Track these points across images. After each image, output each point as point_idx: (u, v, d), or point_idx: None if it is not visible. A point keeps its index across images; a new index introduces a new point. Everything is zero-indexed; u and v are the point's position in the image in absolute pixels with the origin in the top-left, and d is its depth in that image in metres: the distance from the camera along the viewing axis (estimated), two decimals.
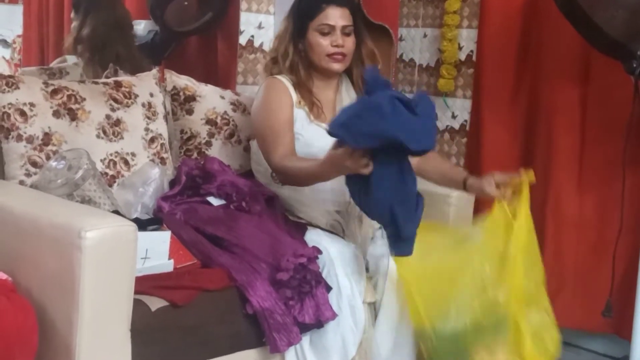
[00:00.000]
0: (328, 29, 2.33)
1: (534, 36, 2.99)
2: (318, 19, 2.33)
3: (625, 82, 2.51)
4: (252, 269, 2.07)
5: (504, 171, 3.03)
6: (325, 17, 2.32)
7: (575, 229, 2.89)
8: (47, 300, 1.81)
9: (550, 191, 2.92)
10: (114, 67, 2.93)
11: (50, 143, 2.31)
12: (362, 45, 2.43)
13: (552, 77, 2.91)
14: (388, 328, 2.17)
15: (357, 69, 2.45)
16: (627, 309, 2.65)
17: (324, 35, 2.33)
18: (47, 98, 2.35)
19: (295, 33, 2.39)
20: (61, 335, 1.77)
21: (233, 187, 2.41)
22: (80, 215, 1.83)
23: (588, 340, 3.02)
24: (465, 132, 3.25)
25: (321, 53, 2.35)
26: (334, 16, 2.32)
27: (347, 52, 2.36)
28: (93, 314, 1.74)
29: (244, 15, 3.09)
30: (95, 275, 1.73)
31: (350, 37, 2.36)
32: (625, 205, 2.58)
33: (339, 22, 2.32)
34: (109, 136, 2.44)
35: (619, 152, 2.61)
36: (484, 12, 3.12)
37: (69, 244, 1.73)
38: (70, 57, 3.06)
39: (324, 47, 2.33)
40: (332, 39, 2.33)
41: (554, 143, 2.91)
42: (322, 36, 2.33)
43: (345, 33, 2.34)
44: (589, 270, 2.87)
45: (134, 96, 2.56)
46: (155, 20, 3.29)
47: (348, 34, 2.35)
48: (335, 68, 2.38)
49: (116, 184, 2.41)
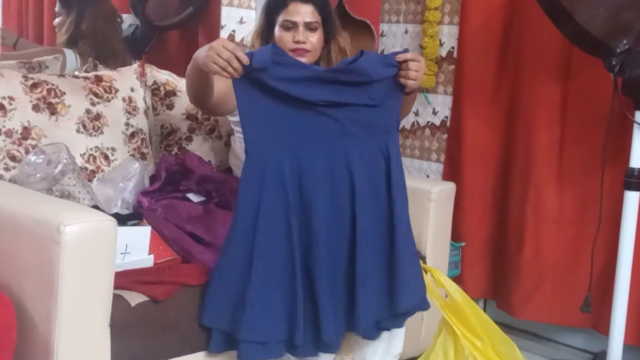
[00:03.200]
0: (291, 24, 2.34)
1: (515, 33, 3.01)
2: (282, 15, 2.35)
3: (605, 80, 2.53)
4: None
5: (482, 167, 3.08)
6: (288, 13, 2.34)
7: (554, 224, 2.91)
8: (25, 295, 1.80)
9: (530, 187, 2.94)
10: (94, 61, 2.91)
11: (30, 137, 2.30)
12: (332, 41, 2.45)
13: (533, 74, 2.92)
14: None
15: (325, 63, 2.46)
16: (605, 304, 2.67)
17: (287, 30, 2.35)
18: (27, 92, 2.33)
19: (265, 28, 2.41)
20: (40, 331, 1.76)
21: (213, 184, 2.41)
22: (59, 210, 1.82)
23: (566, 335, 3.05)
24: (446, 128, 3.26)
25: (284, 48, 2.35)
26: (297, 12, 2.34)
27: (311, 48, 2.36)
28: (72, 309, 1.73)
29: (225, 9, 3.08)
30: (75, 270, 1.72)
31: (316, 32, 2.37)
32: (604, 202, 2.59)
33: (302, 18, 2.34)
34: (89, 131, 2.43)
35: (599, 149, 2.62)
36: (465, 9, 3.12)
37: (48, 239, 1.72)
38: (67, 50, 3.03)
39: (286, 42, 2.35)
40: (294, 34, 2.34)
41: (534, 139, 2.92)
42: (286, 31, 2.35)
43: (310, 29, 2.35)
44: (568, 265, 2.89)
45: (115, 91, 2.54)
46: (136, 14, 3.26)
47: (313, 29, 2.36)
48: None
49: (96, 179, 2.40)
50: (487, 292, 3.17)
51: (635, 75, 2.39)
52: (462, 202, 3.04)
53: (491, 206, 3.14)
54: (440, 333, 2.13)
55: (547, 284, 2.92)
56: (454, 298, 2.09)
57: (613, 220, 2.61)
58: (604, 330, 2.66)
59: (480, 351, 2.08)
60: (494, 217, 3.14)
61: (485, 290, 3.17)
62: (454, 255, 3.04)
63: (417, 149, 3.38)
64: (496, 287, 3.13)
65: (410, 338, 2.34)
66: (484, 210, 3.14)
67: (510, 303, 3.01)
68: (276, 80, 1.92)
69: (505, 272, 3.06)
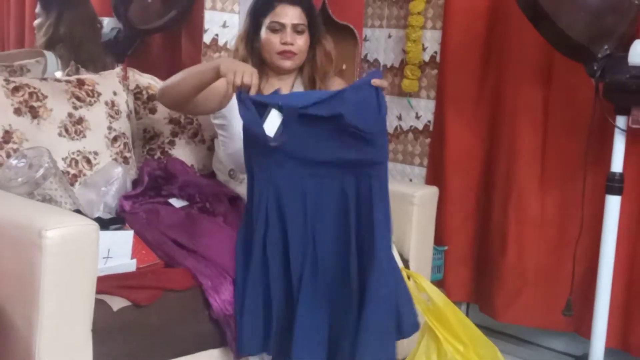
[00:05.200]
0: (278, 26, 2.35)
1: (497, 38, 3.02)
2: (270, 17, 2.35)
3: (587, 84, 2.55)
4: (217, 272, 2.06)
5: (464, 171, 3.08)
6: (275, 14, 2.35)
7: (536, 228, 2.92)
8: (6, 300, 1.78)
9: (513, 191, 2.95)
10: (76, 65, 2.90)
11: (11, 141, 2.28)
12: (317, 45, 2.45)
13: (515, 79, 2.94)
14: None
15: (309, 67, 2.46)
16: (587, 307, 2.68)
17: (274, 32, 2.36)
18: (8, 95, 2.32)
19: (250, 30, 2.41)
20: (21, 336, 1.74)
21: (195, 188, 2.40)
22: (40, 215, 1.81)
23: (548, 339, 3.06)
24: (429, 133, 3.27)
25: (271, 50, 2.37)
26: (284, 14, 2.34)
27: (298, 51, 2.37)
28: (54, 314, 1.72)
29: (208, 13, 3.08)
30: (56, 275, 1.71)
31: (303, 35, 2.37)
32: (586, 205, 2.61)
33: (290, 20, 2.34)
34: (71, 134, 2.42)
35: (580, 153, 2.64)
36: (447, 14, 3.14)
37: (29, 244, 1.71)
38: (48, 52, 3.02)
39: (274, 44, 2.35)
40: (281, 36, 2.34)
41: (516, 143, 2.93)
42: (273, 33, 2.36)
43: (297, 31, 2.36)
44: (549, 269, 2.90)
45: (97, 94, 2.53)
46: (119, 18, 3.25)
47: (300, 32, 2.36)
48: (285, 65, 2.39)
49: (78, 183, 2.39)
50: (470, 296, 3.18)
51: (616, 80, 2.41)
52: (445, 206, 3.05)
53: (474, 210, 3.15)
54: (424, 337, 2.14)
55: (529, 288, 2.94)
56: (435, 302, 2.09)
57: (594, 224, 2.63)
58: (586, 333, 2.67)
59: (462, 355, 2.08)
60: (476, 221, 3.15)
61: (468, 293, 3.18)
62: (437, 259, 3.05)
63: (400, 153, 3.38)
64: (479, 291, 3.14)
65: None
66: (467, 214, 3.15)
67: (493, 306, 3.02)
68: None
69: (487, 276, 3.07)
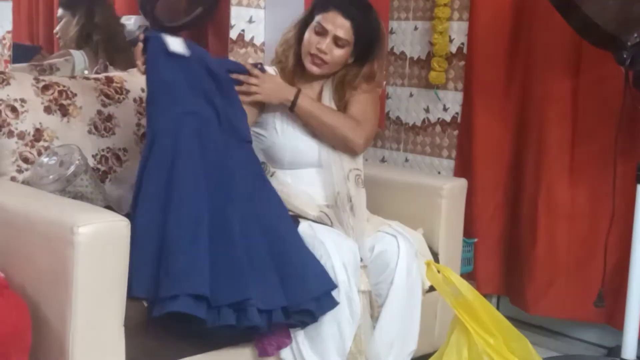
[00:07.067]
0: (322, 30, 2.31)
1: (524, 28, 3.00)
2: (320, 17, 2.32)
3: (616, 73, 2.52)
4: None
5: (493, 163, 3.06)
6: (325, 18, 2.31)
7: (567, 219, 2.90)
8: (40, 296, 1.81)
9: (542, 182, 2.93)
10: (104, 62, 2.92)
11: (42, 139, 2.31)
12: (364, 65, 2.40)
13: (543, 69, 2.91)
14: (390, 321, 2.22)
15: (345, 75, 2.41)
16: (619, 298, 2.66)
17: (316, 34, 2.32)
18: (38, 94, 2.34)
19: (303, 21, 2.39)
20: (55, 331, 1.77)
21: None
22: (72, 211, 1.83)
23: (580, 330, 3.04)
24: (457, 125, 3.26)
25: (305, 49, 2.34)
26: (332, 21, 2.30)
27: (329, 61, 2.33)
28: (86, 310, 1.74)
29: (235, 9, 3.08)
30: (89, 270, 1.73)
31: (342, 50, 2.33)
32: (617, 196, 2.58)
33: (334, 29, 2.30)
34: (101, 132, 2.44)
35: (610, 143, 2.61)
36: (474, 5, 3.12)
37: (62, 240, 1.73)
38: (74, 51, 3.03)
39: (310, 45, 2.33)
40: (320, 40, 2.32)
41: (545, 134, 2.91)
42: (315, 34, 2.32)
43: (337, 44, 2.32)
44: (581, 260, 2.88)
45: (125, 92, 2.55)
46: (146, 16, 3.27)
47: (340, 46, 2.33)
48: (311, 69, 2.35)
49: (108, 180, 2.41)
50: (501, 288, 3.17)
51: None
52: (474, 198, 3.04)
53: (503, 202, 3.13)
54: (454, 330, 2.13)
55: (561, 280, 2.92)
56: (465, 296, 2.08)
57: (626, 215, 2.60)
58: (618, 324, 2.65)
59: (493, 348, 2.07)
60: (506, 213, 3.13)
61: (499, 286, 3.16)
62: (466, 251, 3.03)
63: (428, 146, 3.37)
64: (509, 283, 3.13)
65: (424, 335, 2.34)
66: (496, 206, 3.13)
67: (524, 299, 3.00)
68: None
69: (518, 268, 3.05)
